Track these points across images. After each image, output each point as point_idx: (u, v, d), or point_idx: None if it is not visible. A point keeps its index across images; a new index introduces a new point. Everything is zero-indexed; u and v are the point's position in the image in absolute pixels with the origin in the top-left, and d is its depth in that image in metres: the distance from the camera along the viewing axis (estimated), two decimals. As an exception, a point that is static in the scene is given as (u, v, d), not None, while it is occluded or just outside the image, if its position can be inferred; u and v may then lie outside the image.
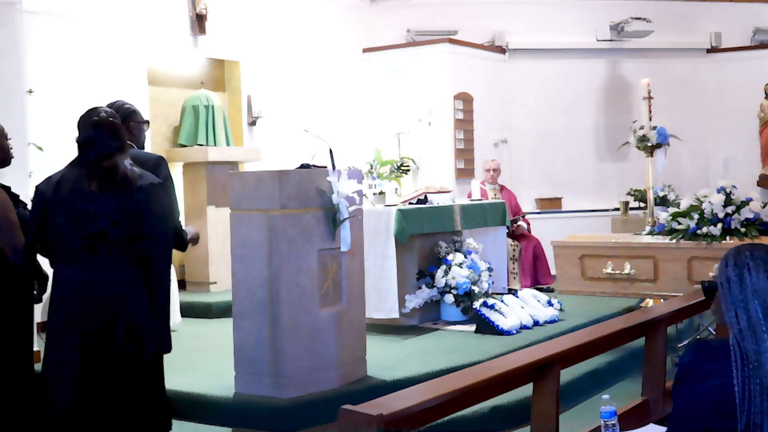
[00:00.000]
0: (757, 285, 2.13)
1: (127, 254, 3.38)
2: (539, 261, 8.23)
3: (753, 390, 2.08)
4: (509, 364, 2.64)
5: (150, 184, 3.44)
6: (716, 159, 10.67)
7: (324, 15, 9.48)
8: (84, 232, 3.32)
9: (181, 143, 8.27)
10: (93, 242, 3.32)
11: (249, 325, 4.41)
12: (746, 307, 2.12)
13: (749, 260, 2.16)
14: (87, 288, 3.34)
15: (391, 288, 5.96)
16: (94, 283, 3.33)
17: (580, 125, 10.51)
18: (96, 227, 3.31)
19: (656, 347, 3.49)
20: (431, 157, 9.55)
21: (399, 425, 2.07)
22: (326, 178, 4.37)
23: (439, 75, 9.55)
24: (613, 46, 10.40)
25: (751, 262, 2.15)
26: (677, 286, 5.65)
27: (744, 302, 2.13)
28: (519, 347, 4.65)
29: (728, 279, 2.17)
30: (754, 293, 2.12)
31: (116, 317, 3.35)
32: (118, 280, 3.36)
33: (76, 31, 7.00)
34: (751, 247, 2.20)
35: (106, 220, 3.31)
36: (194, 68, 8.63)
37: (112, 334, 3.36)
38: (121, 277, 3.37)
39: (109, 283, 3.35)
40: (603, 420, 2.55)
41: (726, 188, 5.74)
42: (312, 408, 4.25)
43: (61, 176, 3.43)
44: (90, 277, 3.34)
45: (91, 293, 3.33)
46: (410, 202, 6.57)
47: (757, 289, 2.12)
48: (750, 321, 2.11)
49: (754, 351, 2.10)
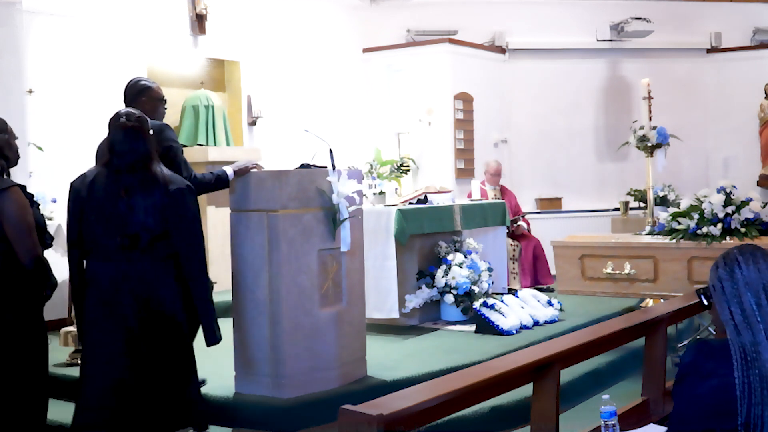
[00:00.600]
0: (749, 277, 2.16)
1: (157, 252, 3.58)
2: (539, 261, 8.23)
3: (753, 382, 2.09)
4: (509, 364, 2.64)
5: (178, 189, 3.60)
6: (716, 159, 10.66)
7: (324, 15, 9.48)
8: (117, 234, 3.52)
9: (182, 143, 8.28)
10: (125, 243, 3.52)
11: (249, 325, 4.41)
12: (740, 301, 2.15)
13: (738, 256, 2.20)
14: (121, 282, 3.53)
15: (391, 288, 5.96)
16: (127, 276, 3.52)
17: (580, 125, 10.51)
18: (128, 230, 3.51)
19: (656, 347, 3.49)
20: (431, 157, 9.55)
21: (399, 425, 2.07)
22: (326, 178, 4.37)
23: (439, 75, 9.55)
24: (613, 46, 10.40)
25: (740, 257, 2.20)
26: (677, 286, 5.65)
27: (737, 296, 2.16)
28: (519, 347, 4.64)
29: (720, 279, 2.20)
30: (747, 285, 2.15)
31: (150, 307, 3.54)
32: (148, 274, 3.55)
33: (76, 31, 7.00)
34: (738, 247, 2.25)
35: (138, 224, 3.51)
36: (194, 68, 8.63)
37: (148, 324, 3.54)
38: (151, 271, 3.55)
39: (141, 278, 3.53)
40: (603, 420, 2.55)
41: (726, 188, 5.75)
42: (312, 408, 4.25)
43: (94, 176, 3.60)
44: (122, 272, 3.53)
45: (124, 287, 3.52)
46: (410, 202, 6.57)
47: (749, 281, 2.15)
48: (744, 314, 2.14)
49: (752, 342, 2.12)
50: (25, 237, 3.49)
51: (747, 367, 2.10)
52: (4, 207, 3.46)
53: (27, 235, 3.50)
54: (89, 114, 7.00)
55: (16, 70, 5.83)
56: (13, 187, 3.52)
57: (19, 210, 3.49)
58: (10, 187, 3.50)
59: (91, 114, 7.02)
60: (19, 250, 3.48)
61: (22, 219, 3.49)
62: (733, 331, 2.15)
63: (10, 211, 3.46)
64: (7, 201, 3.46)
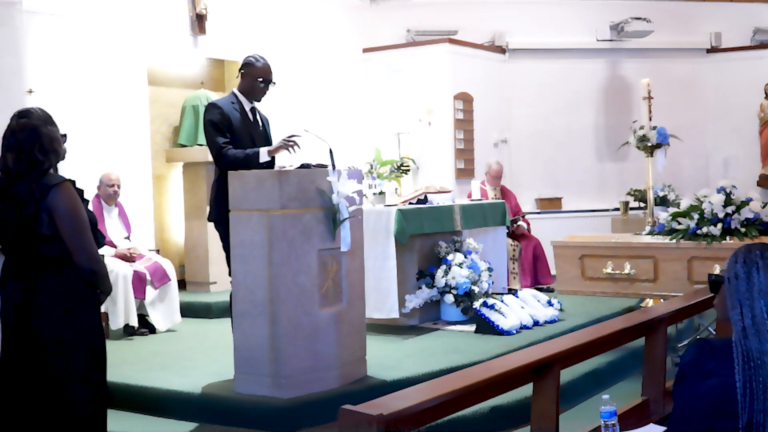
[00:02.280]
0: (764, 285, 2.13)
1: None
2: (539, 261, 8.22)
3: (755, 388, 2.08)
4: (509, 364, 2.63)
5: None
6: (716, 159, 10.67)
7: (324, 15, 9.48)
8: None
9: (181, 143, 8.28)
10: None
11: (249, 325, 4.40)
12: (752, 306, 2.13)
13: (759, 259, 2.16)
14: None
15: (391, 288, 5.96)
16: None
17: (580, 125, 10.50)
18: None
19: (656, 347, 3.49)
20: (431, 157, 9.55)
21: (399, 425, 2.06)
22: (326, 178, 4.37)
23: (439, 75, 9.55)
24: (613, 46, 10.40)
25: (760, 261, 2.16)
26: (677, 286, 5.65)
27: (750, 300, 2.14)
28: (519, 347, 4.65)
29: (736, 275, 2.17)
30: (761, 293, 2.13)
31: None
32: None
33: (76, 31, 6.99)
34: (763, 246, 2.21)
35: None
36: (194, 68, 8.63)
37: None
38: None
39: None
40: (603, 420, 2.55)
41: (726, 188, 5.74)
42: (312, 408, 4.25)
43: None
44: None
45: None
46: (410, 202, 6.57)
47: (763, 288, 2.13)
48: (755, 320, 2.12)
49: (758, 350, 2.11)
50: (80, 236, 3.22)
51: (750, 372, 2.10)
52: (57, 204, 3.18)
53: (83, 233, 3.23)
54: (89, 114, 7.00)
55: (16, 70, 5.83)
56: (64, 182, 3.24)
57: (73, 207, 3.22)
58: (61, 182, 3.22)
59: (91, 114, 7.03)
60: (75, 250, 3.20)
61: (77, 216, 3.22)
62: (740, 333, 2.14)
63: (63, 209, 3.18)
64: (60, 197, 3.19)
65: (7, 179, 3.24)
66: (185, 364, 5.26)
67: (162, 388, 4.67)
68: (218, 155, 4.72)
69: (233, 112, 4.83)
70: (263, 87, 4.92)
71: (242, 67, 4.93)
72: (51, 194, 3.18)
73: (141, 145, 7.54)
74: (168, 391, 4.64)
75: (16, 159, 3.21)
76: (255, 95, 4.94)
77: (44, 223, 3.18)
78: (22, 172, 3.21)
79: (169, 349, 5.84)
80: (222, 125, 4.74)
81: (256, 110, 5.02)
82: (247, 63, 4.91)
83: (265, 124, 5.09)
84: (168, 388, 4.67)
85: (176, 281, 6.60)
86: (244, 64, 4.93)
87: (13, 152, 3.24)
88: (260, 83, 4.88)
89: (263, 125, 5.06)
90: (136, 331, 6.33)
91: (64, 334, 3.20)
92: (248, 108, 4.94)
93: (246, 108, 4.92)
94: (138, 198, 7.25)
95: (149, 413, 4.58)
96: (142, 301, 6.35)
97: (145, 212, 7.43)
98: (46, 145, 3.26)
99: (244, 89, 4.92)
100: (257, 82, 4.88)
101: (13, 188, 3.21)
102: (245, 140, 4.81)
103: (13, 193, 3.20)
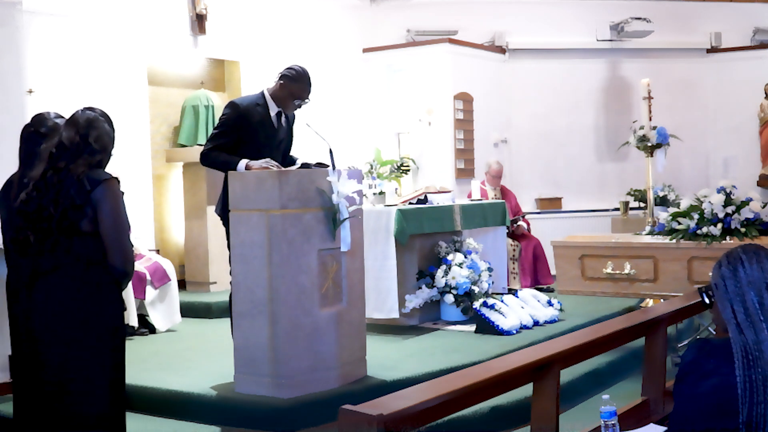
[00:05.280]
0: (752, 276, 2.16)
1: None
2: (539, 261, 8.23)
3: (755, 381, 2.09)
4: (509, 364, 2.63)
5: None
6: (716, 159, 10.67)
7: (324, 15, 9.48)
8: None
9: (181, 143, 8.28)
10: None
11: (249, 325, 4.40)
12: (742, 299, 2.15)
13: (742, 254, 2.21)
14: None
15: (391, 288, 5.96)
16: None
17: (580, 125, 10.50)
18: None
19: (656, 347, 3.49)
20: (431, 157, 9.55)
21: (399, 425, 2.06)
22: (326, 178, 4.37)
23: (439, 75, 9.55)
24: (613, 46, 10.40)
25: (743, 255, 2.20)
26: (677, 286, 5.64)
27: (740, 295, 2.16)
28: (519, 347, 4.64)
29: (723, 277, 2.20)
30: (750, 284, 2.16)
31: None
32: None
33: (76, 31, 7.00)
34: (741, 246, 2.26)
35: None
36: (194, 68, 8.63)
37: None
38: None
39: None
40: (603, 420, 2.55)
41: (726, 188, 5.74)
42: (312, 408, 4.25)
43: None
44: None
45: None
46: (410, 202, 6.57)
47: (752, 280, 2.16)
48: (747, 312, 2.14)
49: (754, 341, 2.12)
50: (121, 235, 3.10)
51: (749, 366, 2.10)
52: (101, 201, 3.05)
53: (123, 233, 3.11)
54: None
55: (16, 70, 5.82)
56: (112, 179, 3.12)
57: (118, 205, 3.11)
58: (109, 179, 3.11)
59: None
60: (113, 249, 3.08)
61: (120, 215, 3.10)
62: (736, 330, 2.15)
63: (107, 207, 3.06)
64: (105, 194, 3.07)
65: (57, 159, 3.14)
66: (185, 364, 5.26)
67: (162, 388, 4.67)
68: (203, 153, 4.79)
69: (254, 112, 4.73)
70: (295, 105, 4.80)
71: (282, 76, 4.74)
72: (99, 189, 3.08)
73: (141, 145, 7.54)
74: (168, 391, 4.64)
75: (72, 140, 3.15)
76: (285, 108, 4.82)
77: (88, 216, 3.08)
78: (74, 153, 3.13)
79: (169, 349, 5.84)
80: (228, 126, 4.69)
81: (282, 113, 4.88)
82: (287, 76, 4.73)
83: (290, 123, 4.99)
84: (168, 388, 4.67)
85: (176, 281, 6.60)
86: (284, 74, 4.74)
87: (71, 130, 3.18)
88: (293, 100, 4.77)
89: (288, 124, 4.96)
90: (136, 331, 6.33)
91: (89, 335, 3.12)
92: (273, 113, 4.81)
93: (271, 112, 4.80)
94: (138, 198, 7.24)
95: (149, 413, 4.57)
96: (142, 301, 6.35)
97: (145, 212, 7.43)
98: (104, 138, 3.22)
99: (276, 96, 4.78)
100: (290, 97, 4.75)
101: (59, 177, 3.10)
102: (259, 141, 4.73)
103: (58, 182, 3.09)
